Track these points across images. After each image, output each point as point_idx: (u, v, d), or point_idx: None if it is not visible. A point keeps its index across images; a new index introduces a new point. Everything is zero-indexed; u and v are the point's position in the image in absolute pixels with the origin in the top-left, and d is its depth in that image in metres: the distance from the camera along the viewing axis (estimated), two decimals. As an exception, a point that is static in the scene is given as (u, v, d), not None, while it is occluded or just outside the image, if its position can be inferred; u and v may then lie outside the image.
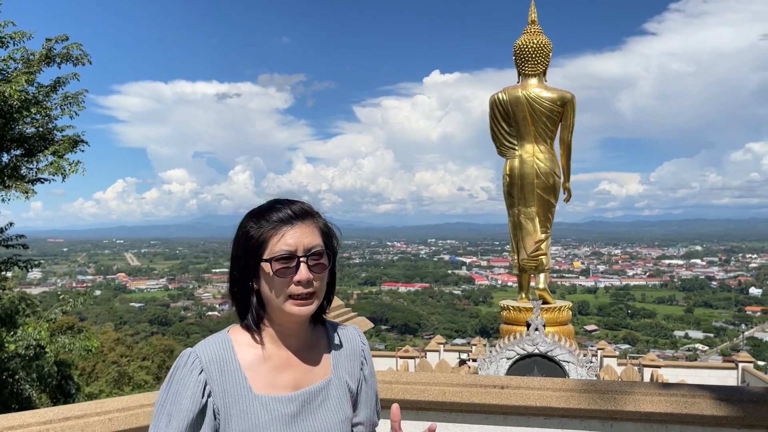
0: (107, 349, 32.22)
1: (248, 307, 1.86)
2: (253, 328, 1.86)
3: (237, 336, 1.87)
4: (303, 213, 1.85)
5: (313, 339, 1.97)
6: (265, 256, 1.78)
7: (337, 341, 2.02)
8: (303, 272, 1.78)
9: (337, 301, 4.33)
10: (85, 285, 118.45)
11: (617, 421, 3.75)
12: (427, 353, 23.48)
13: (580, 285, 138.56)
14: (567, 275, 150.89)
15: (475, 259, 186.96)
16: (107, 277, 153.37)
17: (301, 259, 1.78)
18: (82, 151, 13.03)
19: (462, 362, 20.12)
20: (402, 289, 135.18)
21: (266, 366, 1.84)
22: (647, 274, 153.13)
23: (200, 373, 1.77)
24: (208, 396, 1.77)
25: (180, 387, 1.76)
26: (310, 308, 1.82)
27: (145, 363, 33.73)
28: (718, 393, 3.68)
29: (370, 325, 4.55)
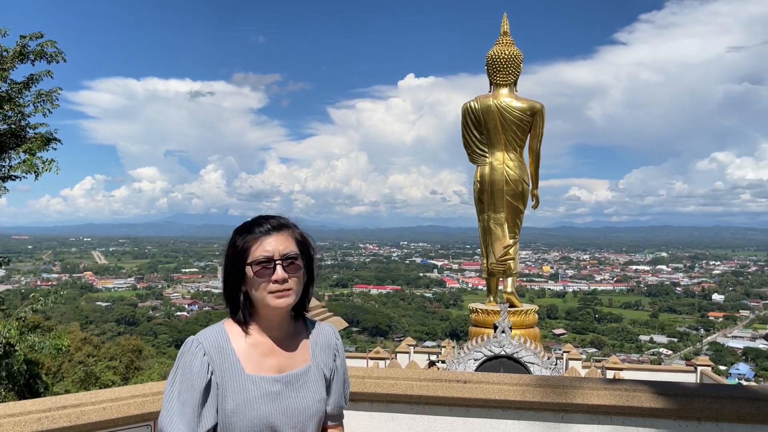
0: (74, 348, 31.81)
1: (238, 306, 2.30)
2: (243, 322, 2.29)
3: (230, 327, 2.30)
4: (280, 225, 2.31)
5: (294, 331, 2.40)
6: (248, 261, 2.23)
7: (314, 335, 2.46)
8: (279, 273, 2.22)
9: (314, 302, 4.64)
10: (50, 283, 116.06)
11: (567, 413, 4.13)
12: (398, 355, 23.83)
13: (549, 289, 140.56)
14: (536, 279, 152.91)
15: (446, 262, 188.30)
16: (73, 275, 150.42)
17: (277, 262, 2.22)
18: (55, 149, 13.04)
19: (431, 364, 20.52)
20: (374, 291, 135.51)
21: (255, 352, 2.27)
22: (614, 279, 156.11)
23: (204, 355, 2.19)
24: (211, 374, 2.19)
25: (189, 366, 2.18)
26: (288, 300, 2.25)
27: (112, 363, 33.35)
28: (656, 387, 4.09)
29: (345, 324, 4.88)
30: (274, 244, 2.24)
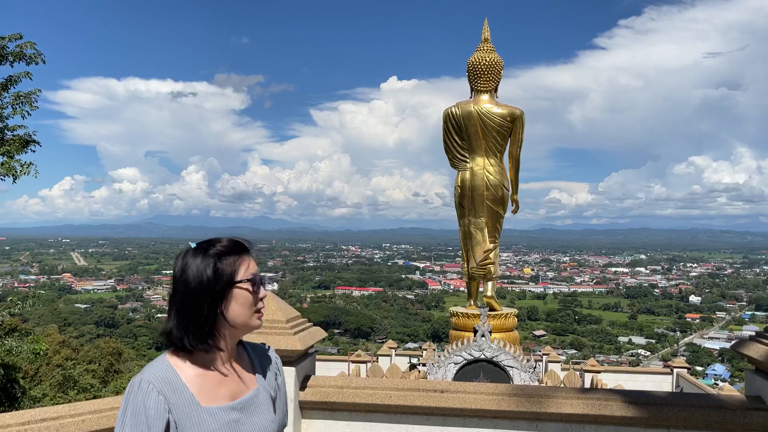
0: (51, 351, 31.40)
1: (200, 333, 2.20)
2: (189, 351, 2.19)
3: (174, 360, 2.20)
4: (252, 246, 2.35)
5: (238, 356, 2.38)
6: (238, 280, 2.23)
7: (255, 356, 2.46)
8: (263, 290, 2.29)
9: (293, 312, 4.69)
10: (27, 285, 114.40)
11: (541, 421, 4.24)
12: (379, 357, 23.86)
13: (530, 291, 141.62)
14: (517, 281, 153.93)
15: (428, 264, 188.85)
16: (51, 277, 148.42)
17: (262, 281, 2.29)
18: (33, 151, 12.93)
19: (412, 367, 20.60)
20: (356, 293, 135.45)
21: (207, 382, 2.20)
22: (594, 281, 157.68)
23: (158, 394, 2.09)
24: (168, 413, 2.10)
25: (142, 409, 2.07)
26: (262, 319, 2.32)
27: (91, 366, 32.96)
28: (627, 396, 4.21)
29: (324, 334, 4.93)
30: (255, 265, 2.29)
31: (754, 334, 4.65)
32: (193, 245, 2.26)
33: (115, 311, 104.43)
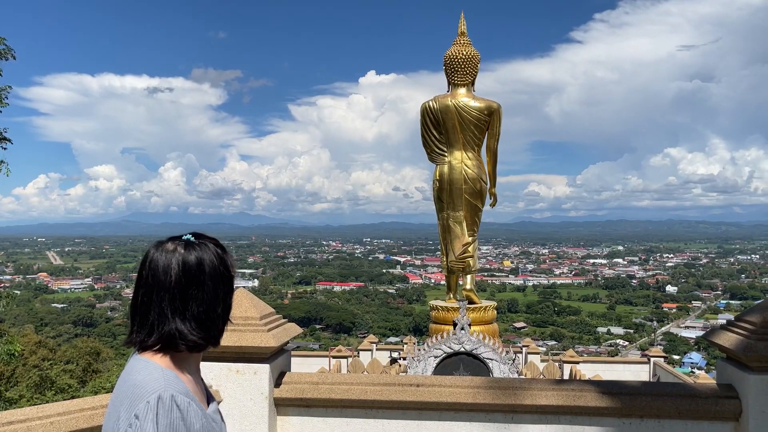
0: (28, 352, 30.94)
1: (218, 331, 2.11)
2: (168, 353, 2.04)
3: (165, 364, 2.04)
4: None
5: None
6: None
7: None
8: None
9: (267, 308, 4.65)
10: (2, 285, 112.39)
11: (517, 413, 4.25)
12: (360, 352, 23.87)
13: (510, 283, 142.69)
14: (497, 274, 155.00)
15: (409, 258, 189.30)
16: (27, 276, 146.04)
17: None
18: (5, 148, 12.71)
19: (393, 361, 20.65)
20: (337, 288, 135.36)
21: (196, 387, 2.11)
22: (573, 272, 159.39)
23: (189, 404, 1.94)
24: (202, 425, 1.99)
25: (185, 426, 1.91)
26: None
27: (69, 366, 32.52)
28: (601, 387, 4.24)
29: (300, 330, 4.90)
30: None
31: (725, 323, 4.71)
32: (192, 238, 2.14)
33: (93, 310, 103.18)
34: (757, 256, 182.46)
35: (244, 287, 5.28)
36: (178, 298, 2.03)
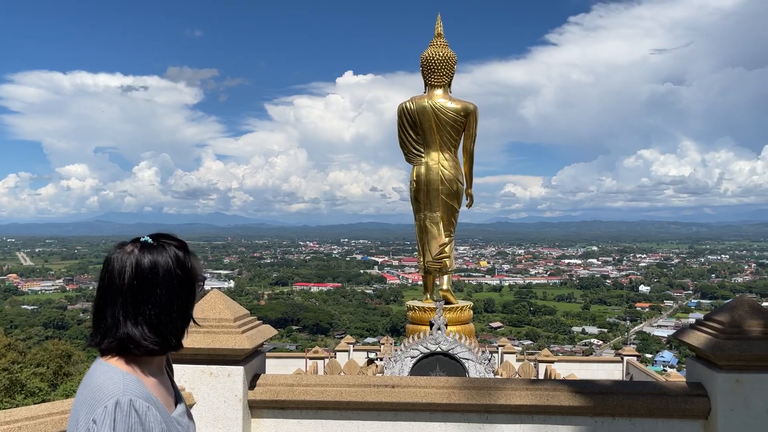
0: (-4, 355, 30.27)
1: (178, 335, 2.07)
2: (135, 360, 2.01)
3: (126, 369, 2.00)
4: None
5: None
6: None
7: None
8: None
9: (241, 310, 4.61)
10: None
11: (492, 413, 4.28)
12: (337, 353, 23.81)
13: (487, 283, 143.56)
14: (474, 274, 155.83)
15: (386, 258, 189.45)
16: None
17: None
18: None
19: (370, 361, 20.63)
20: (314, 288, 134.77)
21: (161, 391, 2.07)
22: (548, 273, 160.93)
23: (148, 409, 1.90)
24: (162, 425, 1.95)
25: (145, 430, 1.87)
26: None
27: (39, 369, 31.89)
28: (574, 386, 4.28)
29: (274, 332, 4.87)
30: None
31: (694, 322, 4.80)
32: (149, 240, 2.09)
33: (65, 312, 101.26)
34: (727, 256, 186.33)
35: (218, 288, 5.23)
36: (130, 302, 1.99)
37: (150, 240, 2.08)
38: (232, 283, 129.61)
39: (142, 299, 1.99)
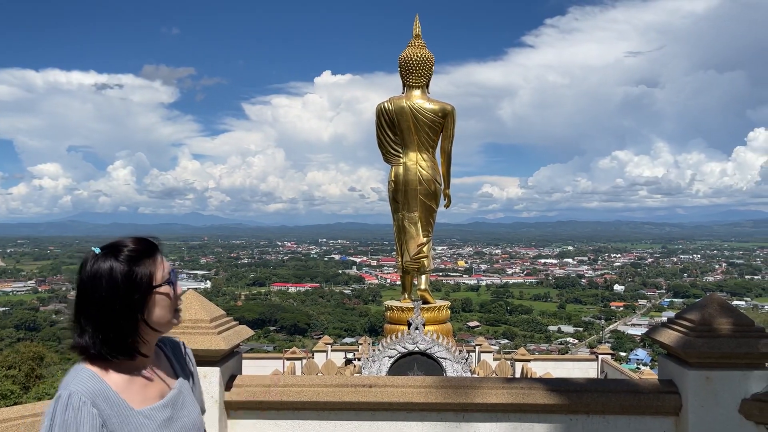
0: (-34, 358, 29.66)
1: (123, 340, 2.11)
2: (109, 359, 2.10)
3: (95, 369, 2.10)
4: (159, 243, 2.26)
5: (156, 353, 2.34)
6: (156, 284, 2.16)
7: (169, 350, 2.43)
8: (179, 287, 2.27)
9: (217, 311, 4.59)
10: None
11: (468, 412, 4.31)
12: (315, 354, 23.74)
13: (464, 283, 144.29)
14: (452, 274, 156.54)
15: (365, 258, 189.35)
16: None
17: (175, 278, 2.25)
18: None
19: (348, 362, 20.62)
20: (292, 289, 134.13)
21: (135, 385, 2.15)
22: (525, 272, 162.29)
23: (92, 406, 1.98)
24: (103, 425, 2.01)
25: (75, 425, 1.95)
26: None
27: (11, 372, 31.29)
28: (550, 384, 4.34)
29: (251, 332, 4.85)
30: (167, 262, 2.23)
31: (666, 320, 4.89)
32: (98, 250, 2.14)
33: (37, 313, 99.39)
34: (699, 256, 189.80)
35: (195, 289, 5.20)
36: (77, 312, 2.12)
37: (98, 250, 2.15)
38: (208, 284, 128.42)
39: (85, 310, 2.10)
